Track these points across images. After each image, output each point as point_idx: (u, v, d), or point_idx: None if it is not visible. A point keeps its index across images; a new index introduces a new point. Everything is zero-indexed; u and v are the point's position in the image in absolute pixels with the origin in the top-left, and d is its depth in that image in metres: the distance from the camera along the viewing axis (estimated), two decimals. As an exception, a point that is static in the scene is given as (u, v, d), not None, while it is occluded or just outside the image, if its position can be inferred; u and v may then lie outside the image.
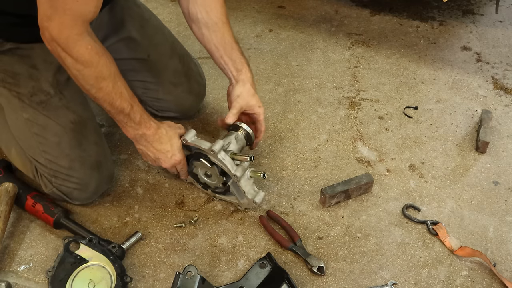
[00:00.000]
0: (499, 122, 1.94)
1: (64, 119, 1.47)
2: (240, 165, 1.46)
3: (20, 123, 1.47)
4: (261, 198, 1.52)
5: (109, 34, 1.64)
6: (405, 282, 1.41)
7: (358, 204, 1.62)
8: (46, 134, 1.46)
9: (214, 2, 1.52)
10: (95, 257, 1.36)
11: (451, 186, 1.69)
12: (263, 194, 1.53)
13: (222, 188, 1.52)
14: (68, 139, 1.47)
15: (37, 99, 1.45)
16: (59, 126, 1.46)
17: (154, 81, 1.76)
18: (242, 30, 2.43)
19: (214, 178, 1.51)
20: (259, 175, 1.48)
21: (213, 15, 1.52)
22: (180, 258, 1.46)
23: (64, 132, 1.47)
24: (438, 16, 2.56)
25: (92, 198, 1.57)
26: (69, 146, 1.47)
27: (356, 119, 1.95)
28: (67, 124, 1.47)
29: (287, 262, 1.45)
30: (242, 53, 1.57)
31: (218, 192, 1.57)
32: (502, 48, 2.34)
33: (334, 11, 2.58)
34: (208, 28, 1.53)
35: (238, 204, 1.57)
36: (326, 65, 2.22)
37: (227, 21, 1.55)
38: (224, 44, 1.54)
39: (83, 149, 1.49)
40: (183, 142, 1.48)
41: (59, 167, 1.47)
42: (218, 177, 1.48)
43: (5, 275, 1.40)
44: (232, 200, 1.57)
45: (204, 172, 1.52)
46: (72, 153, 1.47)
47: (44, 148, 1.46)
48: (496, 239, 1.52)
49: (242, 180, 1.47)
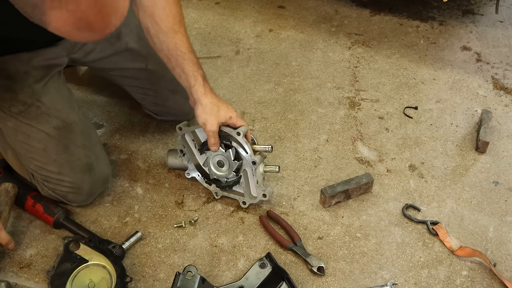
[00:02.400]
0: (499, 122, 1.94)
1: (47, 125, 1.44)
2: (258, 154, 1.48)
3: (8, 131, 1.46)
4: (271, 193, 1.54)
5: (106, 46, 1.62)
6: (405, 282, 1.41)
7: (358, 204, 1.62)
8: (31, 142, 1.44)
9: (164, 11, 1.42)
10: (95, 257, 1.36)
11: (451, 186, 1.69)
12: (272, 190, 1.55)
13: (233, 177, 1.51)
14: (54, 145, 1.45)
15: (15, 110, 1.43)
16: (43, 133, 1.44)
17: (153, 88, 1.75)
18: (242, 30, 2.43)
19: (226, 168, 1.50)
20: (274, 169, 1.49)
21: (163, 25, 1.42)
22: (180, 258, 1.46)
23: (49, 138, 1.45)
24: (438, 16, 2.56)
25: (88, 200, 1.57)
26: (55, 151, 1.45)
27: (356, 119, 1.95)
28: (50, 130, 1.44)
29: (287, 262, 1.45)
30: (196, 63, 1.45)
31: (224, 186, 1.56)
32: (502, 48, 2.34)
33: (334, 11, 2.58)
34: (158, 37, 1.44)
35: (243, 200, 1.56)
36: (326, 65, 2.22)
37: (180, 30, 1.44)
38: (176, 56, 1.43)
39: (71, 153, 1.48)
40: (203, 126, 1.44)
41: (49, 172, 1.46)
42: (232, 163, 1.47)
43: (5, 275, 1.40)
44: (236, 195, 1.57)
45: (216, 161, 1.51)
46: (59, 158, 1.46)
47: (32, 155, 1.45)
48: (496, 239, 1.52)
49: (257, 171, 1.48)
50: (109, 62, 1.66)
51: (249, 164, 1.46)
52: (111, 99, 2.00)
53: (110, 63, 1.67)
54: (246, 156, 1.46)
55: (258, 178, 1.49)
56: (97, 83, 2.07)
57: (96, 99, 2.01)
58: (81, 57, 1.60)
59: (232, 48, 2.31)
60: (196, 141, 1.55)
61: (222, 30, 2.42)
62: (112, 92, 2.01)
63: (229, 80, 2.12)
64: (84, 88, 2.05)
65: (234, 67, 2.20)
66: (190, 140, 1.56)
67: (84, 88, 2.05)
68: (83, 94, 2.01)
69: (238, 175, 1.52)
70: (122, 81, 1.78)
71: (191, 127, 1.53)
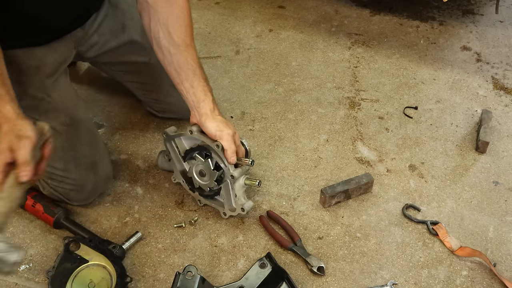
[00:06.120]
0: (499, 122, 1.94)
1: (55, 121, 1.44)
2: (239, 167, 1.44)
3: None
4: (250, 207, 1.50)
5: (110, 39, 1.62)
6: (405, 282, 1.41)
7: (358, 204, 1.62)
8: None
9: (178, 21, 1.41)
10: (95, 257, 1.36)
11: (451, 186, 1.69)
12: (251, 204, 1.51)
13: (215, 186, 1.49)
14: (61, 141, 1.45)
15: (24, 104, 1.42)
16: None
17: (155, 84, 1.75)
18: (242, 30, 2.43)
19: (207, 178, 1.49)
20: (254, 183, 1.45)
21: (175, 36, 1.40)
22: (180, 258, 1.46)
23: (56, 134, 1.44)
24: (438, 16, 2.56)
25: (89, 199, 1.57)
26: (62, 148, 1.45)
27: (356, 119, 1.95)
28: (58, 126, 1.45)
29: (287, 262, 1.45)
30: (205, 79, 1.45)
31: (207, 195, 1.54)
32: (502, 48, 2.34)
33: (334, 11, 2.58)
34: (169, 50, 1.42)
35: (223, 211, 1.53)
36: (326, 65, 2.22)
37: (191, 43, 1.43)
38: (186, 70, 1.42)
39: (77, 150, 1.49)
40: (189, 133, 1.44)
41: (54, 169, 1.46)
42: (212, 173, 1.45)
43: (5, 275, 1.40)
44: (218, 206, 1.54)
45: (198, 171, 1.51)
46: (65, 155, 1.46)
47: None
48: (496, 239, 1.52)
49: (237, 183, 1.45)
50: (113, 55, 1.66)
51: (229, 177, 1.44)
52: (111, 99, 2.00)
53: (114, 57, 1.66)
54: (225, 169, 1.44)
55: (237, 191, 1.47)
56: (97, 83, 2.07)
57: (96, 99, 2.01)
58: (86, 50, 1.60)
59: (232, 48, 2.31)
60: (180, 149, 1.53)
61: (222, 30, 2.42)
62: (112, 92, 2.01)
63: (229, 80, 2.12)
64: (84, 88, 2.05)
65: (234, 67, 2.20)
66: (175, 147, 1.53)
67: (84, 88, 2.05)
68: (83, 94, 2.01)
69: (219, 185, 1.48)
70: (124, 77, 1.78)
71: (177, 133, 1.50)
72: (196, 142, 1.49)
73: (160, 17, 1.40)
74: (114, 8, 1.62)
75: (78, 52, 1.59)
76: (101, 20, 1.58)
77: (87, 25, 1.54)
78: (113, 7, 1.62)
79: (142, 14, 1.45)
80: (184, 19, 1.42)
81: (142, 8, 1.44)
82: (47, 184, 1.50)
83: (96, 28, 1.57)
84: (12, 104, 1.21)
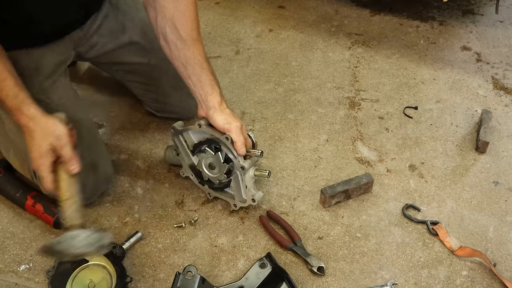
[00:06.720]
0: (499, 122, 1.94)
1: None
2: (248, 159, 1.46)
3: (13, 127, 1.46)
4: (260, 197, 1.52)
5: (110, 40, 1.62)
6: (405, 282, 1.41)
7: (358, 204, 1.62)
8: None
9: (184, 16, 1.41)
10: (95, 257, 1.36)
11: (451, 186, 1.69)
12: (262, 194, 1.53)
13: (225, 179, 1.50)
14: None
15: None
16: None
17: (154, 84, 1.75)
18: (242, 30, 2.43)
19: (217, 170, 1.50)
20: (264, 174, 1.47)
21: (182, 31, 1.40)
22: (180, 258, 1.46)
23: None
24: (438, 16, 2.56)
25: (90, 199, 1.57)
26: None
27: (356, 119, 1.95)
28: None
29: (287, 262, 1.45)
30: (212, 73, 1.45)
31: (217, 188, 1.56)
32: (502, 48, 2.34)
33: (334, 11, 2.58)
34: (176, 44, 1.42)
35: (234, 203, 1.55)
36: (326, 65, 2.22)
37: (198, 38, 1.44)
38: (194, 64, 1.42)
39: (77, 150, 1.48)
40: (198, 126, 1.45)
41: None
42: (222, 166, 1.47)
43: (5, 275, 1.40)
44: (228, 198, 1.57)
45: (208, 164, 1.52)
46: None
47: None
48: (496, 239, 1.52)
49: (247, 175, 1.47)
50: (113, 56, 1.66)
51: (239, 168, 1.46)
52: (111, 99, 2.00)
53: (114, 57, 1.67)
54: (234, 161, 1.45)
55: (247, 182, 1.48)
56: (97, 83, 2.07)
57: (96, 99, 2.01)
58: (86, 50, 1.60)
59: (232, 48, 2.31)
60: (189, 143, 1.55)
61: (222, 30, 2.42)
62: (112, 92, 2.01)
63: (229, 80, 2.12)
64: (84, 88, 2.05)
65: (234, 67, 2.20)
66: (183, 141, 1.55)
67: (84, 88, 2.05)
68: (83, 94, 2.01)
69: (229, 177, 1.51)
70: (124, 76, 1.78)
71: (185, 127, 1.52)
72: (204, 135, 1.50)
73: (166, 12, 1.41)
74: (115, 9, 1.62)
75: (78, 52, 1.59)
76: (101, 21, 1.58)
77: (87, 26, 1.54)
78: (114, 8, 1.62)
79: (148, 9, 1.46)
80: (190, 13, 1.42)
81: (148, 3, 1.44)
82: None
83: (96, 29, 1.57)
84: (34, 105, 1.26)
